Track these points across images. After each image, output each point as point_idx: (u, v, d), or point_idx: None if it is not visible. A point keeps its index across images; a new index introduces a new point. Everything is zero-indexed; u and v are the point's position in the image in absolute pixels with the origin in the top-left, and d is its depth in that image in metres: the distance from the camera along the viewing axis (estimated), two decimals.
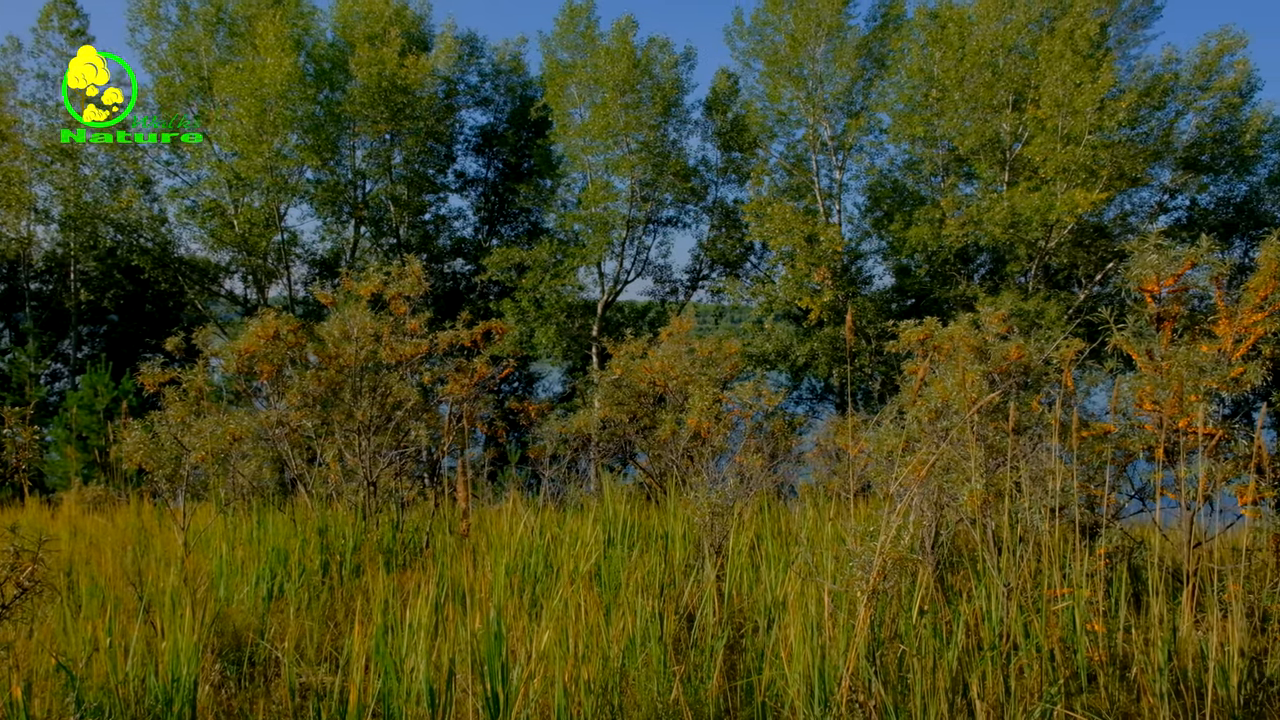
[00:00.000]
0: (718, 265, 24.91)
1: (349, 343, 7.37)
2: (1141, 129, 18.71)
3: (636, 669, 3.70)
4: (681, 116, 23.19)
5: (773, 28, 21.86)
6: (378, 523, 6.67)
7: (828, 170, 22.54)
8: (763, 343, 21.74)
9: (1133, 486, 5.25)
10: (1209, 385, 4.42)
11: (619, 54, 21.35)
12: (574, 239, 23.37)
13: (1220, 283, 4.89)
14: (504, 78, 26.10)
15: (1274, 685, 3.64)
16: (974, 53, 19.33)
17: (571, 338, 23.14)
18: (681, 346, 9.53)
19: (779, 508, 6.80)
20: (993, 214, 18.57)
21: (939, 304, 20.53)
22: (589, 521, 5.81)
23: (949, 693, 3.29)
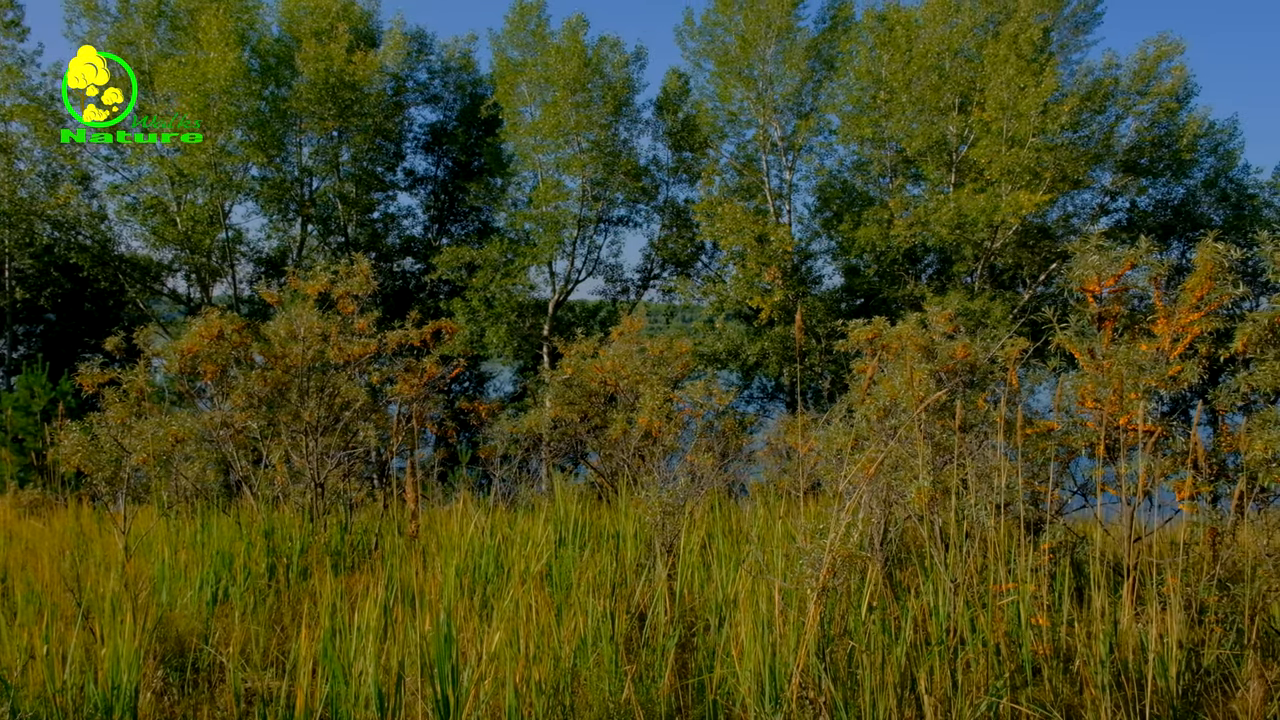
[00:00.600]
0: (669, 265, 24.95)
1: (295, 342, 7.26)
2: (1083, 132, 19.11)
3: (588, 669, 3.69)
4: (632, 116, 23.20)
5: (723, 28, 21.95)
6: (325, 525, 6.58)
7: (778, 171, 22.71)
8: (714, 342, 21.82)
9: (1075, 483, 5.35)
10: (1148, 383, 4.53)
11: (570, 52, 21.30)
12: (525, 238, 23.26)
13: (1158, 283, 5.00)
14: (454, 75, 25.90)
15: (1210, 676, 3.74)
16: (921, 56, 19.59)
17: (523, 337, 23.04)
18: (632, 346, 9.53)
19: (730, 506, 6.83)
20: (940, 215, 18.84)
21: (887, 303, 20.77)
22: (540, 521, 5.79)
23: (898, 688, 3.33)
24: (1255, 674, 3.37)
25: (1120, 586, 3.88)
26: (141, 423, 6.75)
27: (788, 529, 4.68)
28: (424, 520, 6.61)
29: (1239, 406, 4.55)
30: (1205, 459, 4.45)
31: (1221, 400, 4.55)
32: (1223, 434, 4.59)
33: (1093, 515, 5.03)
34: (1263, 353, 4.31)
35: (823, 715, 3.30)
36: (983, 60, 19.02)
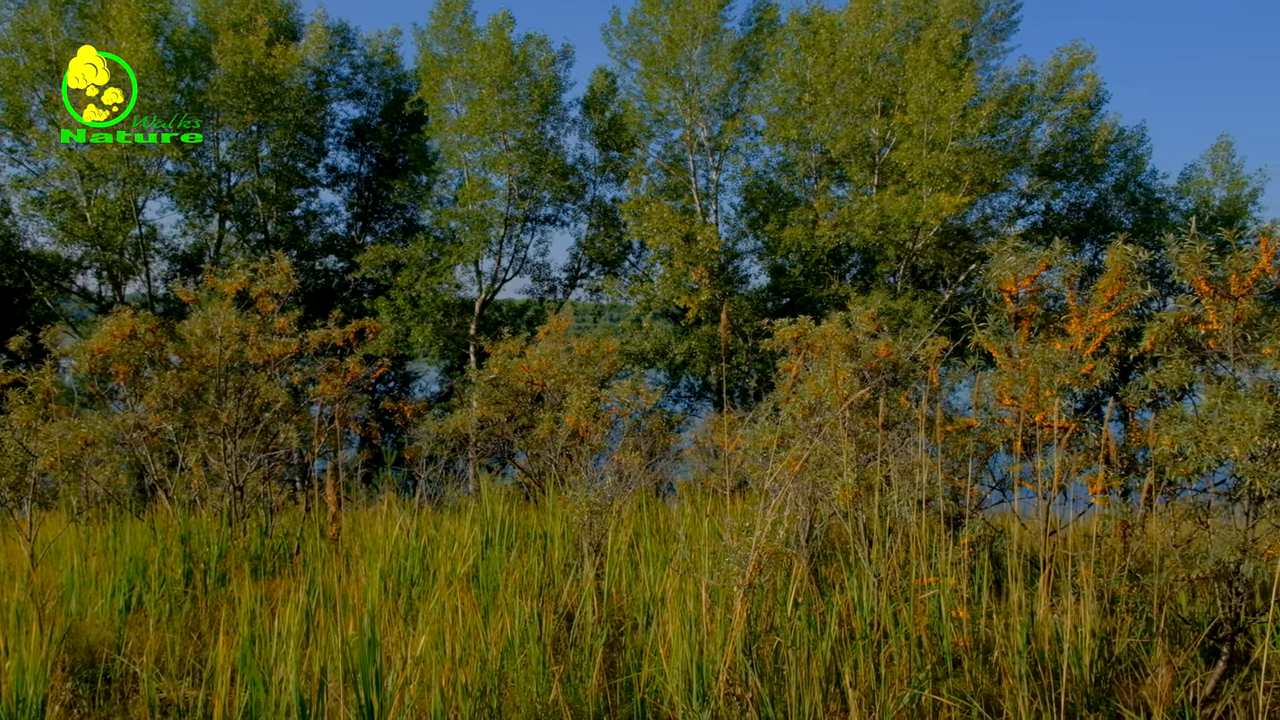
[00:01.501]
0: (596, 264, 24.92)
1: (213, 342, 7.07)
2: (1001, 136, 19.62)
3: (515, 670, 3.66)
4: (559, 114, 23.11)
5: (650, 28, 22.01)
6: (245, 529, 6.42)
7: (705, 170, 22.84)
8: (641, 341, 21.87)
9: (994, 478, 5.48)
10: (1062, 381, 4.65)
11: (496, 50, 21.12)
12: (451, 236, 23.01)
13: (1072, 284, 5.15)
14: (377, 70, 25.49)
15: (1122, 663, 3.86)
16: (844, 59, 19.89)
17: (449, 337, 22.79)
18: (559, 345, 9.50)
19: (658, 505, 6.85)
20: (863, 216, 19.15)
21: (813, 303, 21.04)
22: (466, 522, 5.73)
23: (823, 682, 3.37)
24: (1164, 661, 3.49)
25: (1037, 578, 3.98)
26: (48, 425, 6.50)
27: (715, 527, 4.70)
28: (348, 523, 6.50)
29: (1147, 403, 4.71)
30: (1116, 454, 4.59)
31: (1131, 397, 4.70)
32: (1133, 430, 4.74)
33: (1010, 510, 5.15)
34: (1169, 351, 4.46)
35: (750, 711, 3.32)
36: (904, 65, 19.39)
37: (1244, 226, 19.35)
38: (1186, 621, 4.32)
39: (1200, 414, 4.07)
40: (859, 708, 3.24)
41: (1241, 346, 4.27)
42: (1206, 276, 4.27)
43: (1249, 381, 4.24)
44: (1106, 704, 3.53)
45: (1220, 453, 3.81)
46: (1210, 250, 4.30)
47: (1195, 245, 4.27)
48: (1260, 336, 4.26)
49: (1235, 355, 4.26)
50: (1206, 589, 4.25)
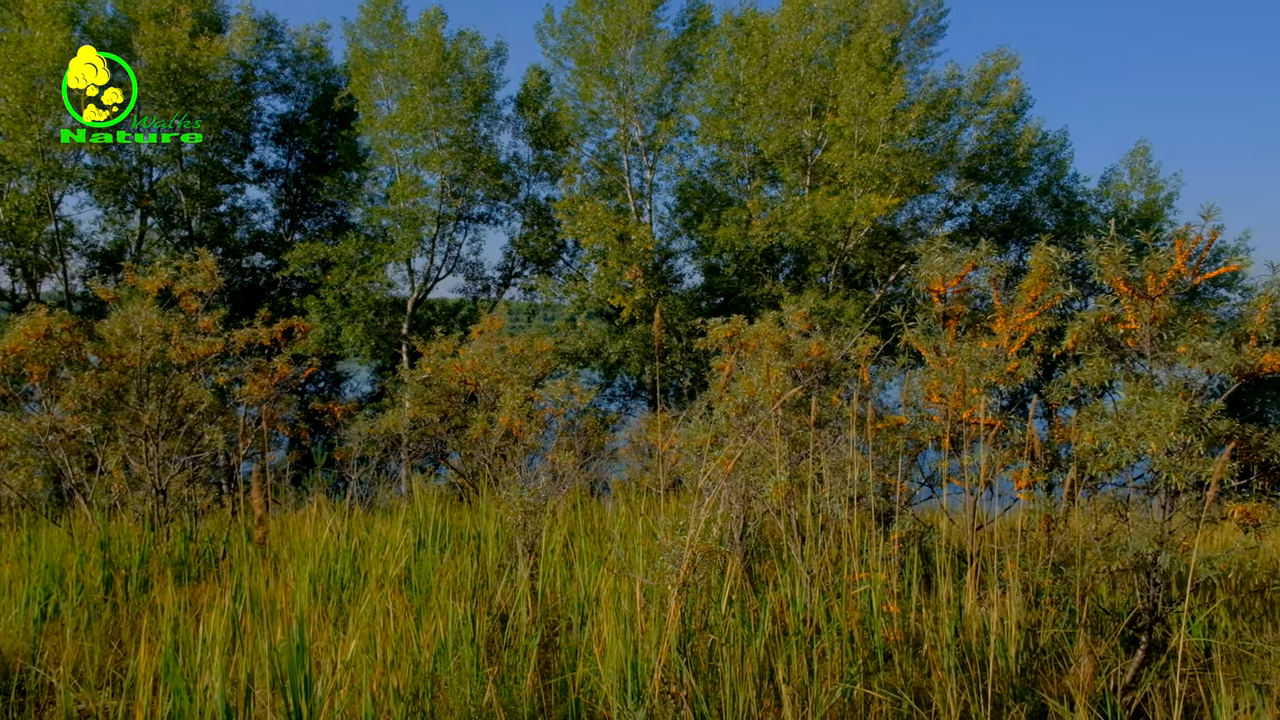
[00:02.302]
0: (530, 263, 24.78)
1: (134, 342, 6.87)
2: (929, 139, 19.99)
3: (449, 673, 3.62)
4: (493, 112, 22.93)
5: (584, 27, 21.97)
6: (168, 533, 6.25)
7: (639, 170, 22.87)
8: (575, 340, 21.82)
9: (923, 474, 5.58)
10: (989, 379, 4.75)
11: (428, 46, 20.88)
12: (382, 234, 22.69)
13: (997, 284, 5.26)
14: (306, 65, 25.02)
15: (1046, 654, 3.96)
16: (777, 61, 20.07)
17: (380, 336, 22.47)
18: (493, 344, 9.43)
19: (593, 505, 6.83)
20: (795, 216, 19.35)
21: (746, 302, 21.20)
22: (399, 524, 5.65)
23: (756, 678, 3.39)
24: (1086, 651, 3.58)
25: (964, 572, 4.06)
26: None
27: (649, 526, 4.71)
28: (276, 526, 6.36)
29: (1070, 400, 4.83)
30: (1041, 450, 4.71)
31: (1054, 394, 4.81)
32: (1056, 426, 4.87)
33: (939, 505, 5.25)
34: (1090, 349, 4.58)
35: (684, 709, 3.33)
36: (835, 67, 19.64)
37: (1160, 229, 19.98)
38: (1107, 612, 4.45)
39: (1119, 411, 4.19)
40: (792, 703, 3.27)
41: (1158, 345, 4.40)
42: (1125, 277, 4.39)
43: (1165, 379, 4.37)
44: (1032, 694, 3.61)
45: (1138, 448, 3.93)
46: (1128, 252, 4.43)
47: (1114, 247, 4.39)
48: (1175, 336, 4.40)
49: (1152, 354, 4.39)
50: (1126, 580, 4.38)
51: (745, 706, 3.32)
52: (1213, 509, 3.97)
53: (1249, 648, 4.08)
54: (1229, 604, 4.86)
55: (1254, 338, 4.19)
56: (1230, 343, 4.22)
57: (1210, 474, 3.35)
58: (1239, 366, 4.12)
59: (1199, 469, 3.80)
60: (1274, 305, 4.23)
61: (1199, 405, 3.97)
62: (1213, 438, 3.95)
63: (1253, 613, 4.89)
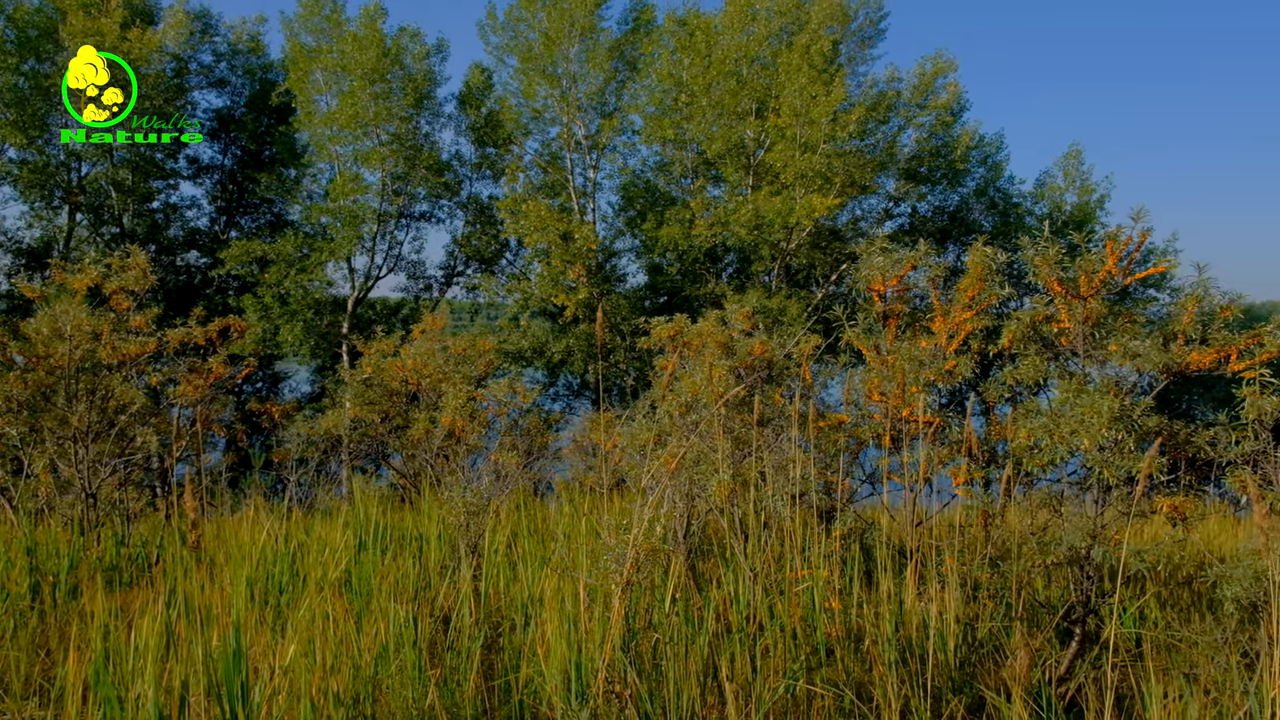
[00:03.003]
0: (473, 262, 24.58)
1: (62, 341, 6.67)
2: (869, 141, 20.24)
3: (390, 676, 3.57)
4: (434, 109, 22.70)
5: (526, 24, 21.85)
6: (99, 538, 6.08)
7: (582, 169, 22.82)
8: (519, 340, 21.71)
9: (864, 472, 5.65)
10: (928, 377, 4.82)
11: (367, 41, 20.61)
12: (321, 232, 22.34)
13: (936, 284, 5.35)
14: (242, 58, 24.52)
15: (984, 647, 4.03)
16: (720, 61, 20.17)
17: (320, 335, 22.12)
18: (435, 344, 9.34)
19: (536, 505, 6.80)
20: (738, 216, 19.46)
21: (690, 301, 21.28)
22: (339, 526, 5.57)
23: (700, 676, 3.40)
24: (1022, 643, 3.65)
25: (905, 568, 4.12)
26: None
27: (593, 525, 4.70)
28: (212, 530, 6.23)
29: (1006, 398, 4.93)
30: (978, 447, 4.79)
31: (991, 392, 4.91)
32: (993, 424, 4.96)
33: (880, 502, 5.32)
34: (1025, 348, 4.67)
35: (629, 708, 3.33)
36: (777, 68, 19.79)
37: (1093, 230, 20.44)
38: (1043, 605, 4.54)
39: (1054, 408, 4.28)
40: (736, 700, 3.28)
41: (1090, 344, 4.50)
42: (1059, 278, 4.49)
43: (1097, 377, 4.48)
44: (970, 686, 3.67)
45: (1072, 444, 4.02)
46: (1062, 253, 4.53)
47: (1049, 248, 4.48)
48: (1107, 335, 4.51)
49: (1085, 352, 4.49)
50: (1061, 574, 4.48)
51: (689, 704, 3.32)
52: (1142, 503, 4.07)
53: (1177, 638, 4.20)
54: (1159, 595, 4.99)
55: (1181, 337, 4.31)
56: (1159, 342, 4.34)
57: (1140, 469, 3.44)
58: (1167, 365, 4.24)
59: (1129, 464, 3.90)
60: (1200, 305, 4.36)
61: (1129, 402, 4.07)
62: (1142, 434, 4.06)
63: (1181, 604, 5.03)
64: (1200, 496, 4.19)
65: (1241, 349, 4.20)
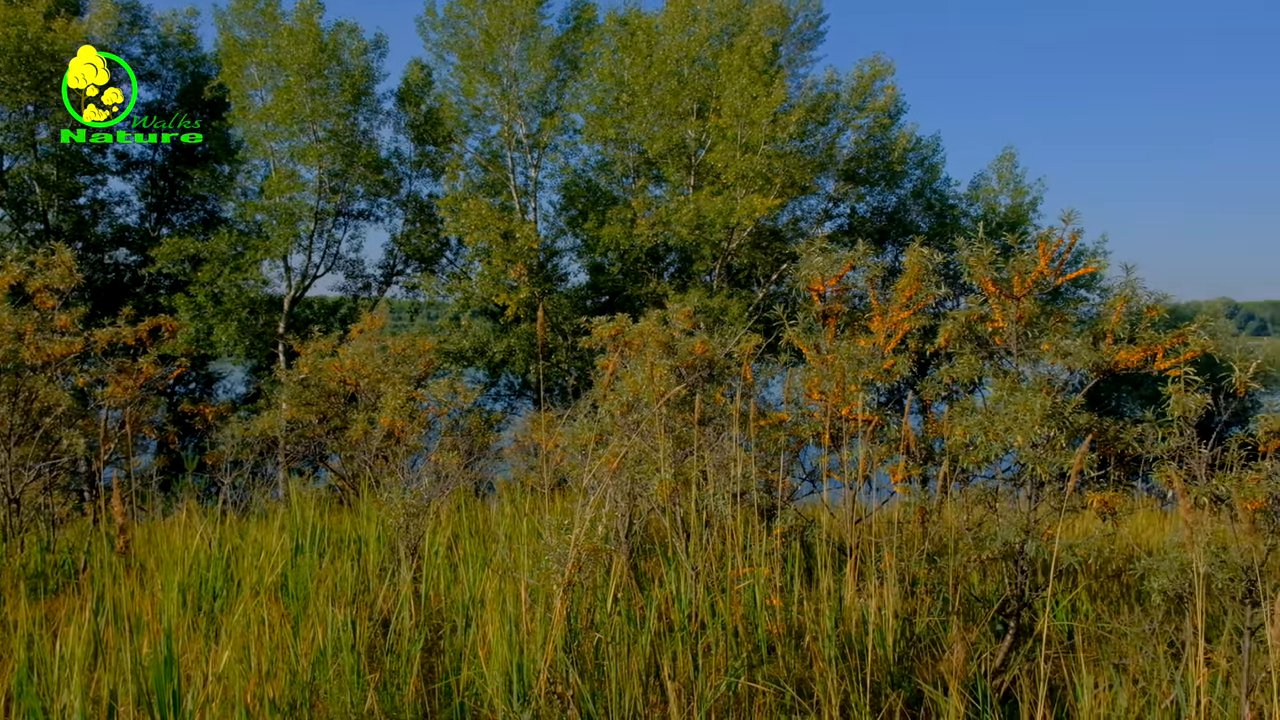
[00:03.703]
0: (413, 260, 24.30)
1: None
2: (809, 142, 20.46)
3: (328, 681, 3.52)
4: (373, 106, 22.40)
5: (467, 21, 21.69)
6: (23, 544, 5.90)
7: (523, 168, 22.71)
8: (459, 339, 21.53)
9: (804, 470, 5.70)
10: (866, 376, 4.88)
11: (304, 36, 20.27)
12: (257, 230, 21.91)
13: (874, 283, 5.41)
14: (173, 52, 23.93)
15: (922, 641, 4.09)
16: (661, 61, 20.21)
17: (255, 335, 21.70)
18: (374, 344, 9.22)
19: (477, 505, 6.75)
20: (680, 216, 19.53)
21: (631, 301, 21.29)
22: (275, 529, 5.47)
23: (643, 675, 3.40)
24: (959, 637, 3.71)
25: (844, 565, 4.16)
26: None
27: (534, 526, 4.67)
28: (142, 534, 6.07)
29: (943, 396, 5.01)
30: (916, 444, 4.86)
31: (928, 391, 4.98)
32: (930, 421, 5.04)
33: (820, 500, 5.37)
34: (961, 347, 4.75)
35: (571, 709, 3.32)
36: (718, 69, 19.90)
37: (1025, 232, 20.88)
38: (978, 599, 4.63)
39: (989, 406, 4.36)
40: (678, 698, 3.29)
41: (1023, 343, 4.60)
42: (993, 278, 4.57)
43: (1030, 375, 4.57)
44: (908, 681, 3.73)
45: (1006, 441, 4.10)
46: (996, 254, 4.61)
47: (983, 249, 4.57)
48: (1039, 334, 4.61)
49: (1018, 351, 4.59)
50: (996, 568, 4.57)
51: (631, 704, 3.32)
52: (1074, 498, 4.17)
53: (1107, 629, 4.30)
54: (1089, 588, 5.11)
55: (1110, 336, 4.42)
56: (1089, 341, 4.44)
57: (1071, 465, 3.52)
58: (1097, 363, 4.34)
59: (1061, 461, 3.99)
60: (1128, 305, 4.47)
61: (1061, 400, 4.16)
62: (1073, 431, 4.15)
63: (1111, 596, 5.16)
64: (1129, 491, 4.30)
65: (1167, 348, 4.32)
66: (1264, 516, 3.59)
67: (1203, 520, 3.71)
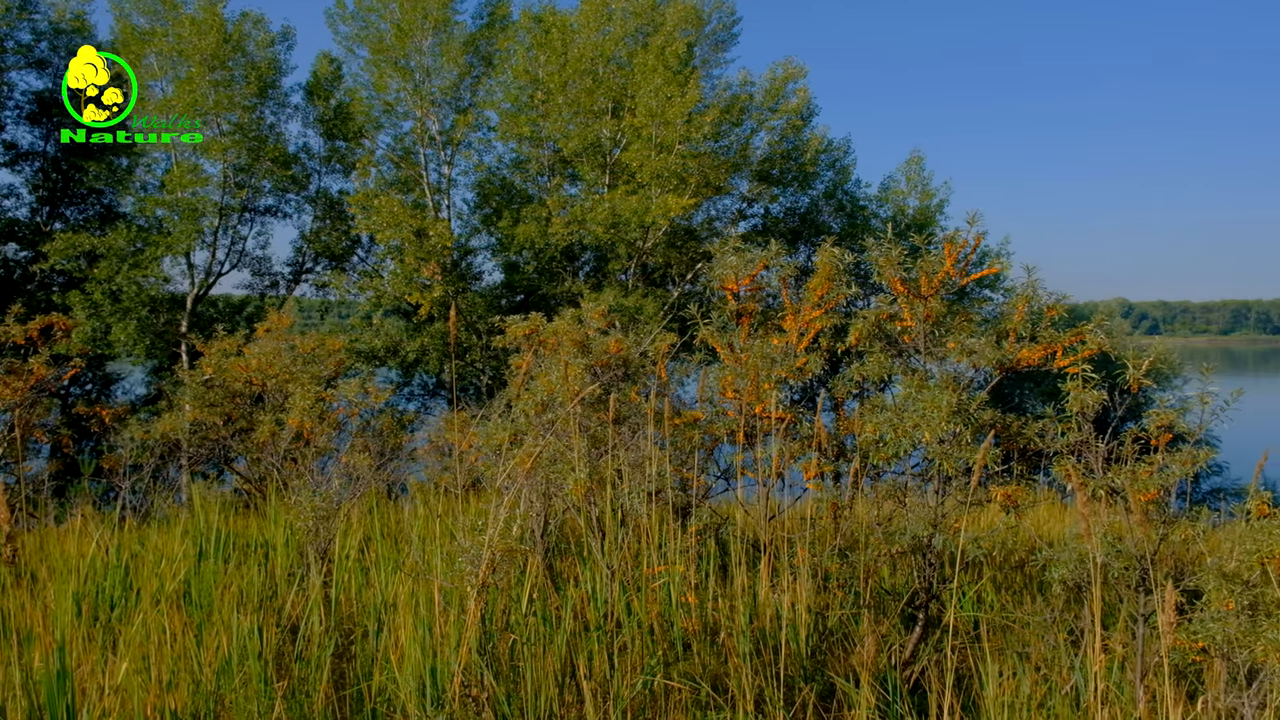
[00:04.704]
0: (323, 258, 23.75)
1: None
2: (724, 142, 20.64)
3: (234, 690, 3.41)
4: (280, 99, 21.83)
5: (378, 15, 21.31)
6: None
7: (436, 165, 22.42)
8: (371, 339, 21.15)
9: (719, 468, 5.74)
10: (779, 374, 4.94)
11: (206, 25, 19.65)
12: (157, 226, 21.15)
13: (787, 283, 5.49)
14: (65, 39, 22.92)
15: (834, 635, 4.15)
16: (576, 60, 20.17)
17: (156, 334, 20.94)
18: (281, 343, 9.00)
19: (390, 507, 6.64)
20: (595, 214, 19.51)
21: (547, 300, 21.19)
22: (177, 535, 5.30)
23: (559, 675, 3.38)
24: (870, 630, 3.78)
25: (759, 561, 4.21)
26: None
27: (448, 527, 4.61)
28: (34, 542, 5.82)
29: (854, 394, 5.10)
30: (828, 441, 4.94)
31: (839, 388, 5.07)
32: (841, 419, 5.12)
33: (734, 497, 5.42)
34: (871, 345, 4.85)
35: (485, 711, 3.28)
36: (633, 69, 19.94)
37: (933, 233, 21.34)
38: (889, 592, 4.72)
39: (898, 403, 4.46)
40: (594, 698, 3.28)
41: (931, 341, 4.71)
42: (901, 278, 4.67)
43: (938, 373, 4.69)
44: (821, 674, 3.78)
45: (915, 438, 4.19)
46: (904, 254, 4.72)
47: (892, 249, 4.66)
48: (946, 332, 4.73)
49: (926, 349, 4.69)
50: (905, 562, 4.67)
51: (547, 705, 3.30)
52: (979, 493, 4.28)
53: (1011, 619, 4.44)
54: (994, 579, 5.27)
55: (1013, 334, 4.56)
56: (993, 339, 4.57)
57: (976, 460, 3.61)
58: (1000, 361, 4.47)
59: (967, 456, 4.10)
60: (1029, 305, 4.62)
61: (967, 397, 4.27)
62: (978, 427, 4.27)
63: (1014, 586, 5.32)
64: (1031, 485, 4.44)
65: (1066, 346, 4.48)
66: (1156, 507, 3.75)
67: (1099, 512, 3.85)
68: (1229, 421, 3.83)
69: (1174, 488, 3.75)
